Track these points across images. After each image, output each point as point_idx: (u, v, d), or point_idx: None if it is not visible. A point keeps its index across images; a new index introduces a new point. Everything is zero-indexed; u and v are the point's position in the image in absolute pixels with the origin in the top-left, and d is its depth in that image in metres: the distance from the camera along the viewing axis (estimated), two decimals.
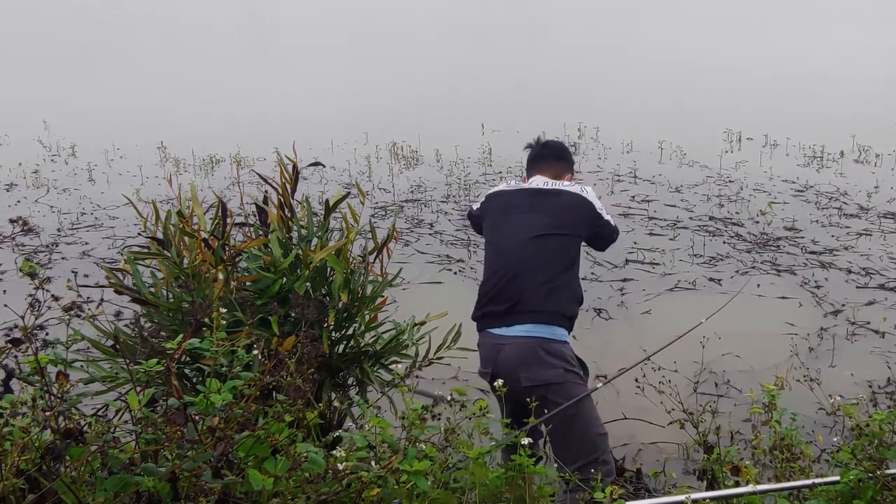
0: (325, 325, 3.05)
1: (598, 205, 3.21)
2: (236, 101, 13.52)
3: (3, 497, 1.57)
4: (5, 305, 2.11)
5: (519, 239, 3.13)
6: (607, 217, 3.26)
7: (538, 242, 3.09)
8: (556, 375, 2.96)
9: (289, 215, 3.21)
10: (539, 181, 3.29)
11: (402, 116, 11.72)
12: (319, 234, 3.25)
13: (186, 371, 2.88)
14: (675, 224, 7.23)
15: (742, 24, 22.66)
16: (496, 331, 3.08)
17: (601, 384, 3.15)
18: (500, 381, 2.59)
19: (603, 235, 3.28)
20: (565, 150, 3.46)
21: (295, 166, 3.26)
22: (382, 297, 3.27)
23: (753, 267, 6.27)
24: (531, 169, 3.40)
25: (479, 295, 3.22)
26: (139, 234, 6.49)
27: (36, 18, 28.56)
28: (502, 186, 3.38)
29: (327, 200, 3.31)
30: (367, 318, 3.22)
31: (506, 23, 25.48)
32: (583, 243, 3.27)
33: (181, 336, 2.08)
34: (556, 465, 3.03)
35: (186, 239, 2.93)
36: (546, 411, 2.66)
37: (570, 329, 3.13)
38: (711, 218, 7.36)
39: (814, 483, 2.29)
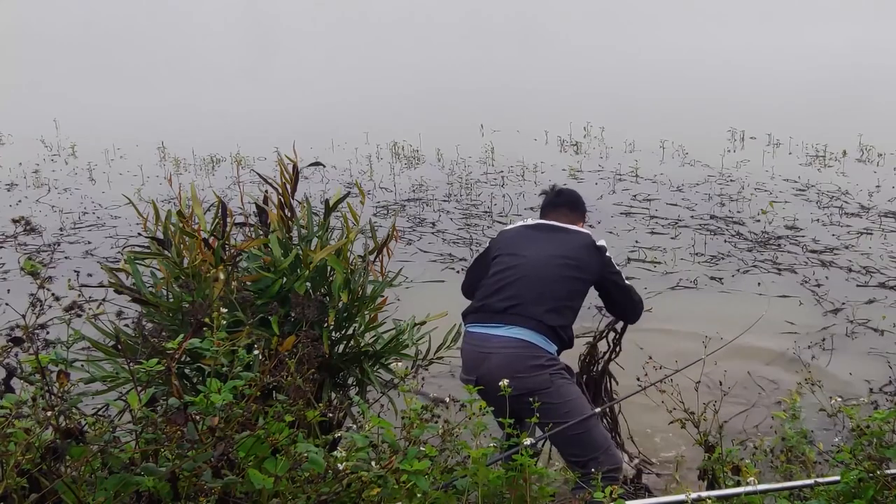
0: (325, 325, 3.05)
1: (608, 254, 3.22)
2: (236, 100, 13.50)
3: (6, 496, 1.57)
4: (7, 304, 2.11)
5: (535, 256, 3.14)
6: (625, 283, 3.27)
7: (552, 268, 3.10)
8: (542, 382, 2.93)
9: (289, 215, 3.21)
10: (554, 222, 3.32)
11: (402, 116, 11.71)
12: (320, 233, 3.25)
13: (187, 371, 2.89)
14: (677, 223, 7.23)
15: (742, 24, 22.63)
16: (484, 331, 3.04)
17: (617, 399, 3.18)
18: (505, 381, 2.58)
19: (619, 285, 3.25)
20: (579, 198, 3.48)
21: (295, 166, 3.26)
22: (382, 296, 3.27)
23: (754, 265, 6.26)
24: (545, 216, 3.40)
25: (479, 289, 3.20)
26: (139, 234, 6.50)
27: (35, 18, 28.57)
28: (518, 223, 3.41)
29: (327, 200, 3.31)
30: (367, 317, 3.22)
31: (504, 23, 25.46)
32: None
33: (181, 336, 2.08)
34: (556, 464, 3.03)
35: (187, 239, 2.93)
36: (538, 416, 2.64)
37: (559, 351, 3.09)
38: (713, 217, 7.36)
39: (814, 482, 2.29)
